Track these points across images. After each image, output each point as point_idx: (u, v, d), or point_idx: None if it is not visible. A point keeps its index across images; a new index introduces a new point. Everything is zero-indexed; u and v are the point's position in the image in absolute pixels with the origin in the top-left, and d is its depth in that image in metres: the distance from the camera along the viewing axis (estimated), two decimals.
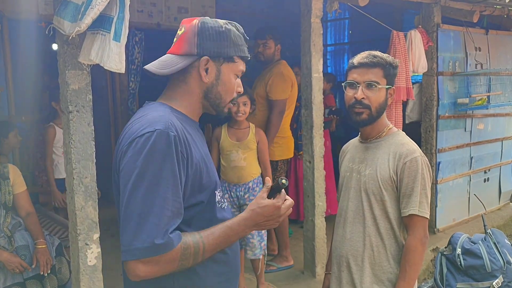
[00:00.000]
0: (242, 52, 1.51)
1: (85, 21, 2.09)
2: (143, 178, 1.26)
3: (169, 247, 1.25)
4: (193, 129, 1.48)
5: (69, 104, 2.53)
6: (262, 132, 3.51)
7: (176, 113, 1.44)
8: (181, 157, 1.32)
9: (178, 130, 1.34)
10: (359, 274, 1.97)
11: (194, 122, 1.52)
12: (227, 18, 1.62)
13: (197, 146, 1.44)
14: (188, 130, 1.42)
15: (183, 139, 1.35)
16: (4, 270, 2.91)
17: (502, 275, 3.07)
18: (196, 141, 1.45)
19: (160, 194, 1.26)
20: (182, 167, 1.32)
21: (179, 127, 1.36)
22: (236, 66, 1.51)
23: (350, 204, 2.02)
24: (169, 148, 1.29)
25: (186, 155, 1.34)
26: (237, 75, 1.53)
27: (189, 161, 1.35)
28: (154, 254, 1.23)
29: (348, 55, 7.77)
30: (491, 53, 5.24)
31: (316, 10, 3.66)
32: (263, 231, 3.42)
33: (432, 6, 4.58)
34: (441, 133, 4.76)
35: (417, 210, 1.87)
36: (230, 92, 1.52)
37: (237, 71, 1.52)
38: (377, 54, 1.96)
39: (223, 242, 1.37)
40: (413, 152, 1.91)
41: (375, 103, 1.93)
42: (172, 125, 1.33)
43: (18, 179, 3.13)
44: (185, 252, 1.28)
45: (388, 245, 1.95)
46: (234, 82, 1.52)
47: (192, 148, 1.38)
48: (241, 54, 1.51)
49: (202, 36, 1.45)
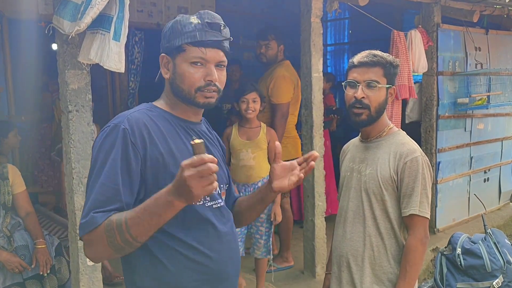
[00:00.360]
0: (190, 37, 1.44)
1: (84, 20, 2.10)
2: (92, 167, 1.40)
3: (91, 224, 1.30)
4: (171, 124, 1.49)
5: (69, 103, 2.53)
6: (273, 131, 3.46)
7: (155, 110, 1.50)
8: (133, 149, 1.37)
9: (135, 125, 1.40)
10: (359, 274, 1.97)
11: (176, 118, 1.51)
12: (227, 18, 1.62)
13: (166, 140, 1.44)
14: (159, 125, 1.45)
15: (139, 133, 1.39)
16: (3, 270, 2.91)
17: (502, 275, 3.07)
18: (168, 136, 1.45)
19: (100, 181, 1.35)
20: (134, 159, 1.37)
21: (141, 122, 1.42)
22: (187, 54, 1.45)
23: (351, 204, 2.02)
24: (118, 140, 1.37)
25: (140, 148, 1.39)
26: (196, 62, 1.45)
27: (146, 154, 1.39)
28: (82, 233, 1.33)
29: (348, 55, 7.77)
30: (491, 53, 5.24)
31: (316, 9, 3.66)
32: (270, 232, 3.40)
33: (432, 6, 4.58)
34: (441, 133, 4.76)
35: (418, 210, 1.87)
36: (189, 82, 1.45)
37: (192, 59, 1.45)
38: (377, 53, 1.95)
39: (148, 221, 1.27)
40: (413, 152, 1.91)
41: (375, 102, 1.92)
42: (130, 120, 1.41)
43: (18, 179, 3.13)
44: (108, 227, 1.29)
45: (388, 245, 1.94)
46: (193, 71, 1.45)
47: (153, 142, 1.41)
48: (188, 41, 1.44)
49: (163, 36, 1.52)
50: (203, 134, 1.58)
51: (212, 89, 1.47)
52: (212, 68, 1.46)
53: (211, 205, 1.51)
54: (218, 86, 1.49)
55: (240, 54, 6.33)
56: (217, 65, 1.48)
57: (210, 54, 1.45)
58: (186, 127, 1.52)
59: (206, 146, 1.45)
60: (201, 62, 1.45)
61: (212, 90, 1.47)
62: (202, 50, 1.44)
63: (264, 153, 3.38)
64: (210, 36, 1.45)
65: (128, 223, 1.27)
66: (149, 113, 1.48)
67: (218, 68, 1.49)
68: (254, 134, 3.35)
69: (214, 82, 1.46)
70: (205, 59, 1.45)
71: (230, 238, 1.55)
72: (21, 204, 3.12)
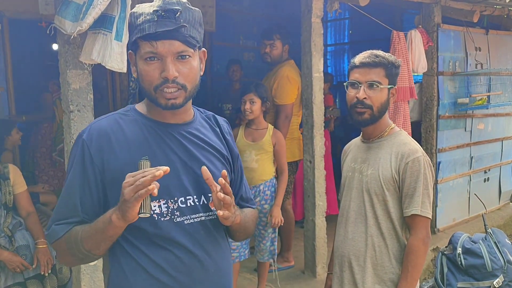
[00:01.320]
0: (140, 31, 1.27)
1: (86, 20, 2.10)
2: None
3: (53, 236, 1.34)
4: (141, 130, 1.35)
5: (70, 103, 2.53)
6: (280, 133, 3.38)
7: (131, 114, 1.39)
8: (90, 161, 1.32)
9: (94, 135, 1.33)
10: (361, 274, 1.97)
11: (152, 121, 1.37)
12: (227, 18, 1.60)
13: (129, 150, 1.32)
14: (126, 133, 1.34)
15: (97, 144, 1.32)
16: (5, 270, 2.91)
17: (502, 275, 3.07)
18: (134, 144, 1.32)
19: (62, 194, 1.37)
20: (91, 171, 1.32)
21: (103, 132, 1.33)
22: (141, 51, 1.29)
23: (352, 204, 2.02)
24: (78, 151, 1.34)
25: (97, 160, 1.31)
26: (149, 58, 1.28)
27: (104, 166, 1.31)
28: (49, 242, 1.41)
29: (348, 55, 7.78)
30: (491, 53, 5.24)
31: (316, 10, 3.66)
32: (274, 236, 3.35)
33: (432, 6, 4.58)
34: (441, 133, 4.76)
35: (419, 210, 1.87)
36: (147, 81, 1.29)
37: (144, 55, 1.28)
38: (379, 53, 1.95)
39: (91, 229, 1.27)
40: (415, 152, 1.91)
41: (377, 103, 1.92)
42: (91, 130, 1.35)
43: (19, 179, 3.13)
44: (68, 240, 1.32)
45: (390, 245, 1.94)
46: (148, 69, 1.28)
47: (112, 153, 1.31)
48: (139, 35, 1.27)
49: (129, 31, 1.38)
50: (184, 136, 1.39)
51: (171, 86, 1.28)
52: (167, 62, 1.27)
53: (182, 220, 1.33)
54: (180, 82, 1.29)
55: (241, 54, 6.33)
56: (178, 57, 1.28)
57: (163, 47, 1.26)
58: (161, 130, 1.37)
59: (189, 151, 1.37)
60: (155, 56, 1.27)
61: (171, 88, 1.28)
62: (153, 44, 1.26)
63: (268, 156, 3.29)
64: (160, 27, 1.25)
65: (82, 237, 1.29)
66: (122, 117, 1.37)
67: (180, 61, 1.29)
68: (260, 136, 3.28)
69: (170, 79, 1.27)
70: (158, 53, 1.27)
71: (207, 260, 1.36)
72: (22, 204, 3.12)
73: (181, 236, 1.33)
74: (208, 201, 1.39)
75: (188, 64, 1.30)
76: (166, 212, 1.32)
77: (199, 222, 1.37)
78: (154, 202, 1.30)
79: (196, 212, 1.36)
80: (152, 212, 1.29)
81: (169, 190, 1.33)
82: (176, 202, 1.34)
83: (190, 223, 1.35)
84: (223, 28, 5.75)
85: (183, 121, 1.41)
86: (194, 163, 1.38)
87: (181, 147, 1.38)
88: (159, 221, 1.31)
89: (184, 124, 1.41)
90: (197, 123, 1.45)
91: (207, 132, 1.47)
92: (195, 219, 1.36)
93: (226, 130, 1.55)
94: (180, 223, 1.33)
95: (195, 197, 1.37)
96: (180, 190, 1.35)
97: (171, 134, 1.38)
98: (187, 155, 1.39)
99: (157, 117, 1.38)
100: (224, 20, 5.69)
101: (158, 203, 1.32)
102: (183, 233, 1.33)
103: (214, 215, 1.39)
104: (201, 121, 1.47)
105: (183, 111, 1.40)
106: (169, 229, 1.32)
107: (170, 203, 1.33)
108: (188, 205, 1.35)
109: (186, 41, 1.28)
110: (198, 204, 1.37)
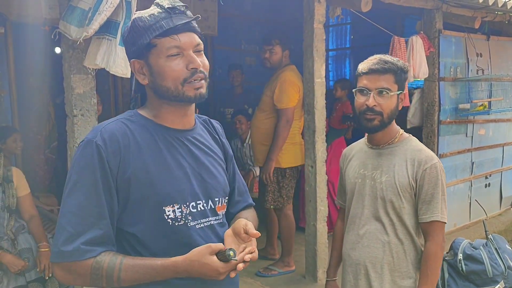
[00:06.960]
0: (157, 29, 1.29)
1: (92, 26, 2.12)
2: (66, 185, 1.29)
3: (75, 256, 1.23)
4: (151, 134, 1.35)
5: (74, 108, 2.55)
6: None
7: (136, 119, 1.37)
8: (109, 166, 1.27)
9: (108, 139, 1.28)
10: (378, 281, 1.95)
11: (159, 126, 1.37)
12: (229, 23, 1.61)
13: (141, 155, 1.31)
14: (136, 137, 1.32)
15: (112, 149, 1.28)
16: (7, 273, 2.92)
17: (503, 280, 3.07)
18: (145, 149, 1.32)
19: (76, 202, 1.26)
20: (111, 176, 1.28)
21: (114, 136, 1.29)
22: (160, 49, 1.30)
23: (366, 211, 1.99)
24: (92, 157, 1.27)
25: (113, 165, 1.28)
26: (172, 54, 1.30)
27: (119, 171, 1.28)
28: (61, 260, 1.24)
29: (350, 60, 7.78)
30: (492, 59, 5.26)
31: (318, 15, 3.67)
32: None
33: (433, 12, 4.60)
34: (442, 138, 4.77)
35: (440, 216, 1.89)
36: (172, 77, 1.30)
37: (166, 51, 1.30)
38: (388, 59, 1.90)
39: (143, 280, 1.26)
40: (432, 159, 1.91)
41: (387, 109, 1.89)
42: (103, 134, 1.29)
43: (22, 182, 3.14)
44: (96, 271, 1.23)
45: (408, 251, 1.95)
46: (173, 64, 1.30)
47: (125, 159, 1.29)
48: (156, 34, 1.29)
49: (125, 42, 1.39)
50: (191, 142, 1.41)
51: (200, 76, 1.32)
52: (192, 54, 1.31)
53: (194, 225, 1.35)
54: (205, 72, 1.34)
55: (242, 58, 6.34)
56: (195, 51, 1.33)
57: (185, 39, 1.30)
58: (170, 136, 1.37)
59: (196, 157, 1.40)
60: (178, 51, 1.30)
61: (200, 78, 1.32)
62: (175, 38, 1.29)
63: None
64: (178, 21, 1.30)
65: (122, 278, 1.24)
66: (128, 122, 1.35)
67: (197, 54, 1.33)
68: None
69: (199, 69, 1.32)
70: (181, 47, 1.30)
71: None
72: (25, 207, 3.13)
73: (195, 240, 1.34)
74: (215, 206, 1.42)
75: (203, 56, 1.36)
76: (180, 217, 1.34)
77: (208, 226, 1.39)
78: (168, 207, 1.32)
79: (205, 217, 1.39)
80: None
81: (183, 195, 1.35)
82: (188, 207, 1.36)
83: (201, 228, 1.37)
84: (225, 33, 5.76)
85: (190, 126, 1.43)
86: (201, 168, 1.41)
87: (189, 153, 1.40)
88: (174, 226, 1.33)
89: (190, 130, 1.43)
90: (199, 129, 1.48)
91: (207, 137, 1.50)
92: (205, 223, 1.39)
93: (221, 133, 1.59)
94: (193, 228, 1.35)
95: (204, 201, 1.39)
96: (192, 195, 1.37)
97: (179, 140, 1.39)
98: (194, 161, 1.41)
99: (165, 122, 1.38)
100: (226, 24, 5.70)
101: (172, 207, 1.33)
102: (197, 237, 1.35)
103: (221, 219, 1.44)
104: (200, 126, 1.51)
105: (190, 114, 1.43)
106: (184, 233, 1.34)
107: (183, 208, 1.34)
108: (199, 210, 1.38)
109: (200, 34, 1.36)
110: (207, 209, 1.40)
